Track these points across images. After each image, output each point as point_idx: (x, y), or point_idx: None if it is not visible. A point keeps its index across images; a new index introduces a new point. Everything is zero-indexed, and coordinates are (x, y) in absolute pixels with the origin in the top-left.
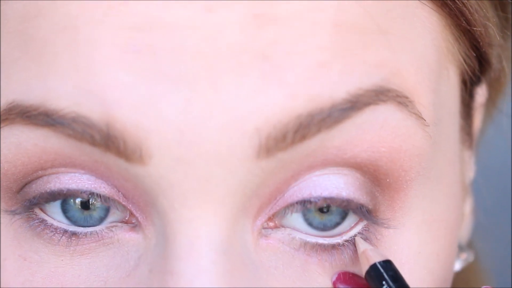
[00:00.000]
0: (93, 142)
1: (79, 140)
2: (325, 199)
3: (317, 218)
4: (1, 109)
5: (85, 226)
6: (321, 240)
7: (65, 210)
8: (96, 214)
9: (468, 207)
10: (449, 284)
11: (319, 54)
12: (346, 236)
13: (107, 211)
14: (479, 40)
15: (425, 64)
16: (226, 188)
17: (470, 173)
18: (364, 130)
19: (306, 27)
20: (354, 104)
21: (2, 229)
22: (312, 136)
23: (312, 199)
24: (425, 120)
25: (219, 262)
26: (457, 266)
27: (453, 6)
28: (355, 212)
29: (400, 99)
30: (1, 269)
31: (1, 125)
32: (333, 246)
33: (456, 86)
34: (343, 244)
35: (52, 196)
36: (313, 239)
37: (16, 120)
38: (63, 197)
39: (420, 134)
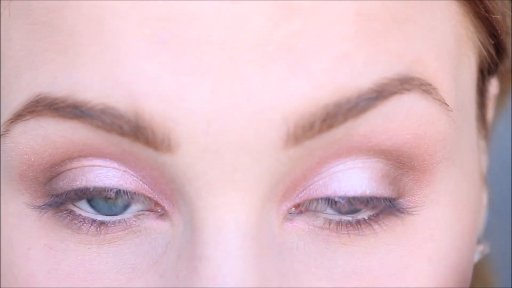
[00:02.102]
0: (122, 133)
1: (108, 131)
2: (349, 199)
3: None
4: (28, 102)
5: (109, 215)
6: (345, 217)
7: (89, 199)
8: (120, 202)
9: (484, 198)
10: (471, 271)
11: (343, 44)
12: (371, 212)
13: (131, 197)
14: (497, 28)
15: (445, 51)
16: (253, 176)
17: (485, 164)
18: (389, 119)
19: (329, 17)
20: (380, 94)
21: (28, 220)
22: (339, 125)
23: (336, 199)
24: (448, 106)
25: (247, 247)
26: (475, 257)
27: None
28: (380, 204)
29: (424, 87)
30: (24, 258)
31: (28, 117)
32: (358, 221)
33: (474, 74)
34: (369, 219)
35: (79, 195)
36: (337, 217)
37: (44, 112)
38: (90, 196)
39: (444, 120)
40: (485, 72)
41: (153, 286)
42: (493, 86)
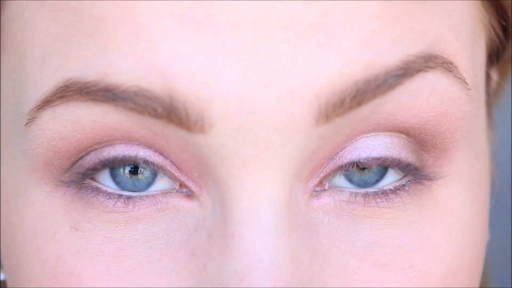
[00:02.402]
0: (155, 115)
1: (140, 113)
2: (374, 159)
3: (357, 175)
4: (57, 87)
5: (134, 191)
6: (371, 189)
7: (113, 176)
8: (144, 179)
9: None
10: (484, 251)
11: (370, 22)
12: (397, 184)
13: (154, 175)
14: (507, 10)
15: (463, 31)
16: (285, 154)
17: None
18: (415, 96)
19: None
20: (406, 71)
21: (52, 206)
22: (368, 102)
23: (361, 160)
24: (467, 84)
25: (279, 224)
26: None
27: None
28: (403, 170)
29: (446, 65)
30: (51, 243)
31: (57, 103)
32: (385, 191)
33: (484, 57)
34: (394, 190)
35: (105, 164)
36: (362, 190)
37: (74, 97)
38: (118, 163)
39: (464, 98)
40: (493, 58)
41: (184, 265)
42: (494, 75)
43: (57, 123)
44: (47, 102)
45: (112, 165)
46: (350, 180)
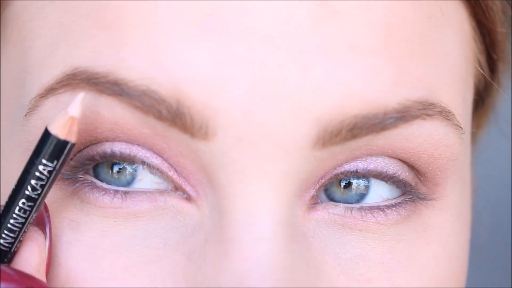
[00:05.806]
0: (159, 117)
1: (145, 113)
2: (370, 171)
3: (338, 194)
4: (64, 75)
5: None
6: (366, 204)
7: (96, 174)
8: (123, 177)
9: None
10: (464, 284)
11: (373, 58)
12: (392, 201)
13: (134, 175)
14: (495, 43)
15: (458, 75)
16: (284, 169)
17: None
18: (408, 140)
19: (362, 25)
20: (403, 115)
21: (47, 198)
22: (362, 137)
23: (359, 170)
24: (462, 129)
25: (279, 232)
26: None
27: (484, 10)
28: (399, 186)
29: (445, 114)
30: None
31: (61, 91)
32: (379, 207)
33: (472, 95)
34: (390, 206)
35: (102, 156)
36: (357, 205)
37: (80, 85)
38: (116, 159)
39: (458, 143)
40: (480, 90)
41: (180, 268)
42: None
43: (58, 112)
44: (51, 90)
45: (110, 160)
46: (332, 199)
